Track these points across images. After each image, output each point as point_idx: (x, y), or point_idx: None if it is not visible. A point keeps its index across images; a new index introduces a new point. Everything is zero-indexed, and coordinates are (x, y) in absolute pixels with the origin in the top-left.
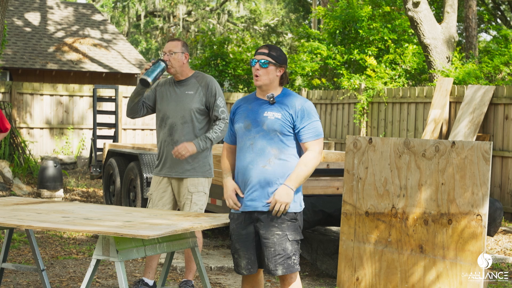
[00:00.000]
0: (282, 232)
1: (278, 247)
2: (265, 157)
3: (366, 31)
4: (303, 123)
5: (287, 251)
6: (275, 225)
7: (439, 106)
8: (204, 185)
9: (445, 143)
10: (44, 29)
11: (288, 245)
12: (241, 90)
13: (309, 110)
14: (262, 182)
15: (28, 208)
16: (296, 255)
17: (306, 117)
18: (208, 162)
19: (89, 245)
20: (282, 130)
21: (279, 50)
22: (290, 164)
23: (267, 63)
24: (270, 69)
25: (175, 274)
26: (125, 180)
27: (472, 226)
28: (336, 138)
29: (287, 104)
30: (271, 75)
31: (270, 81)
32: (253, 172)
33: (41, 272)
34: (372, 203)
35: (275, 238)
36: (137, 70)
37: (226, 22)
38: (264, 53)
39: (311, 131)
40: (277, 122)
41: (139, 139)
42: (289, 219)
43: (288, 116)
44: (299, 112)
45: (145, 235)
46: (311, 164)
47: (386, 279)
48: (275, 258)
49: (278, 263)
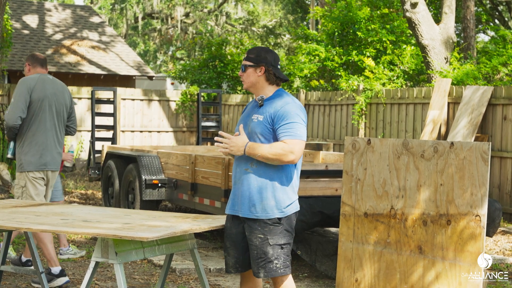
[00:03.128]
0: (264, 236)
1: (259, 250)
2: (248, 159)
3: (365, 33)
4: (280, 123)
5: (267, 255)
6: (258, 228)
7: (437, 107)
8: (19, 178)
9: (444, 144)
10: (42, 32)
11: (269, 249)
12: (239, 92)
13: (289, 111)
14: (245, 185)
15: (27, 210)
16: (279, 259)
17: (285, 117)
18: (20, 157)
19: (88, 247)
20: (263, 132)
21: (257, 50)
22: (272, 168)
23: (243, 67)
24: (249, 72)
25: (174, 276)
26: (123, 182)
27: (471, 227)
28: (335, 139)
29: (271, 106)
30: (251, 77)
31: (252, 84)
32: (238, 175)
33: (40, 274)
34: (371, 204)
35: (257, 241)
36: (136, 72)
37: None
38: (244, 58)
39: (287, 130)
40: (259, 124)
41: (138, 141)
42: (271, 223)
43: (268, 118)
44: (278, 113)
45: (144, 237)
46: (275, 150)
47: (386, 280)
48: (257, 261)
49: (259, 266)
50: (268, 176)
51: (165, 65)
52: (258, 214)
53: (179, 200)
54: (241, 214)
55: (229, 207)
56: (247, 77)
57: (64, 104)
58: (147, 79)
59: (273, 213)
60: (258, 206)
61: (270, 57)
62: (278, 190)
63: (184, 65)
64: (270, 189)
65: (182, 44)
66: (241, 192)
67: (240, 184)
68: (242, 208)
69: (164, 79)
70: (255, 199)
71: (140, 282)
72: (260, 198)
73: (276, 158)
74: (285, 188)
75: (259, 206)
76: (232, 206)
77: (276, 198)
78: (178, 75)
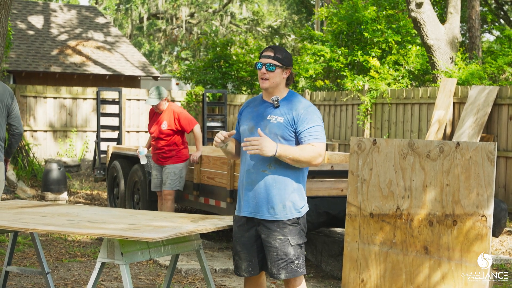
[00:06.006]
0: (284, 236)
1: (280, 252)
2: (266, 161)
3: (371, 33)
4: (304, 126)
5: (289, 255)
6: (277, 229)
7: (443, 107)
8: None
9: (450, 144)
10: (47, 32)
11: (291, 249)
12: (244, 92)
13: (312, 114)
14: (262, 187)
15: (32, 211)
16: (300, 259)
17: (309, 120)
18: None
19: (93, 248)
20: (284, 134)
21: (284, 52)
22: (290, 169)
23: (273, 67)
24: (277, 72)
25: (180, 277)
26: (129, 183)
27: (477, 227)
28: (340, 139)
29: (290, 107)
30: (277, 78)
31: (276, 84)
32: (253, 176)
33: (45, 275)
34: (376, 205)
35: (277, 243)
36: (141, 73)
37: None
38: (270, 56)
39: (312, 134)
40: (279, 126)
41: (143, 142)
42: (290, 223)
43: (290, 120)
44: (301, 116)
45: (150, 238)
46: (306, 153)
47: (391, 280)
48: (278, 262)
49: (280, 267)
50: (286, 177)
51: (170, 66)
52: (277, 215)
53: (185, 201)
54: (259, 216)
55: (242, 209)
56: (273, 77)
57: (4, 103)
58: (152, 80)
59: (292, 214)
60: (277, 207)
61: (292, 60)
62: (295, 191)
63: (189, 66)
64: (288, 190)
65: (187, 45)
66: (257, 194)
67: (256, 186)
68: (260, 210)
69: (169, 79)
70: (274, 200)
71: (146, 283)
72: (279, 199)
73: (306, 161)
74: (300, 188)
75: (278, 207)
76: (246, 208)
77: (293, 198)
78: (183, 76)
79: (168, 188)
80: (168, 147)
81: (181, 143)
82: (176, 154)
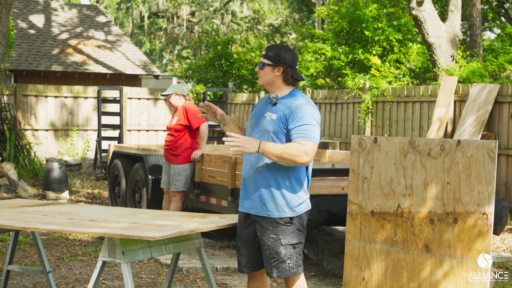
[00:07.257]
0: (276, 236)
1: (272, 251)
2: (260, 157)
3: (371, 31)
4: (295, 124)
5: (280, 255)
6: (270, 228)
7: (444, 105)
8: None
9: (451, 142)
10: (48, 31)
11: (282, 249)
12: (245, 91)
13: (305, 112)
14: (256, 183)
15: (33, 210)
16: (292, 259)
17: (299, 118)
18: None
19: (95, 247)
20: (276, 130)
21: (277, 49)
22: (282, 166)
23: (262, 64)
24: (267, 70)
25: (181, 275)
26: (130, 182)
27: (478, 225)
28: (341, 137)
29: (285, 105)
30: (268, 75)
31: (268, 82)
32: (250, 173)
33: (47, 274)
34: (377, 203)
35: (269, 242)
36: (142, 71)
37: (229, 23)
38: (263, 55)
39: (300, 132)
40: (271, 123)
41: (144, 140)
42: (283, 222)
43: (282, 117)
44: (293, 113)
45: (151, 237)
46: (290, 151)
47: (393, 278)
48: (270, 261)
49: (272, 266)
50: (279, 174)
51: (171, 64)
52: (269, 212)
53: (186, 199)
54: (253, 212)
55: (241, 204)
56: (264, 75)
57: None
58: (153, 78)
59: (285, 212)
60: (269, 204)
61: (289, 58)
62: (289, 189)
63: (190, 64)
64: (281, 187)
65: (188, 43)
66: (252, 190)
67: (251, 182)
68: (254, 206)
69: (170, 78)
70: (266, 197)
71: (147, 281)
72: (271, 196)
73: (290, 158)
74: (295, 187)
75: (270, 204)
76: (244, 204)
77: (287, 197)
78: (184, 74)
79: (173, 189)
80: (175, 143)
81: (190, 143)
82: (182, 154)
